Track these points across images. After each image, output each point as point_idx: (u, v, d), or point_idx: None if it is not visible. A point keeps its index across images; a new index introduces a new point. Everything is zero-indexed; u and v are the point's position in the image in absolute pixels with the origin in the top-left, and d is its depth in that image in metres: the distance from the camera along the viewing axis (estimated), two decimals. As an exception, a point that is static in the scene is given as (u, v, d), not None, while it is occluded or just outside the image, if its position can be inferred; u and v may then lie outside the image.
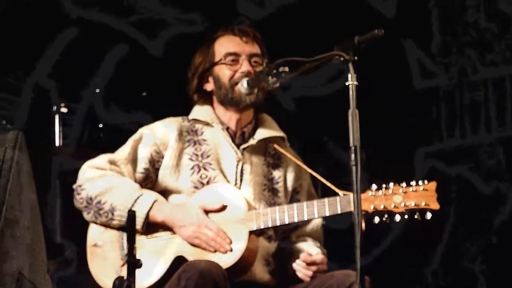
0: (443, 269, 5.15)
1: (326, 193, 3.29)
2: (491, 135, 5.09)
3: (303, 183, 3.50)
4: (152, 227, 3.28)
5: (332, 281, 3.13)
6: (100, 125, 4.77)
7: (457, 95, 5.14)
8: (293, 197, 3.47)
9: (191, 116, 3.49)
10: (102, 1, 4.69)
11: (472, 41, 5.13)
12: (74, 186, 3.37)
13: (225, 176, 3.36)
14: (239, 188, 3.35)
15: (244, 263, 3.19)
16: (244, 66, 3.41)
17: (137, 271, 2.62)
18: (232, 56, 3.43)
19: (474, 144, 5.12)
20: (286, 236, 3.45)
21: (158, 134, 3.41)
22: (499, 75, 5.07)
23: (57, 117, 4.64)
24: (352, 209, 3.09)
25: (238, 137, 3.45)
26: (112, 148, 3.45)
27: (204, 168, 3.37)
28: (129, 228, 2.73)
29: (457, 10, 5.09)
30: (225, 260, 3.14)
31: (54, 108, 4.65)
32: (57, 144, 4.66)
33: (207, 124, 3.45)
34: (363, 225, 2.63)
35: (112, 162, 3.37)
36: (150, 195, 3.29)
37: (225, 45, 3.46)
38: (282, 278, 3.36)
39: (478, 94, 5.12)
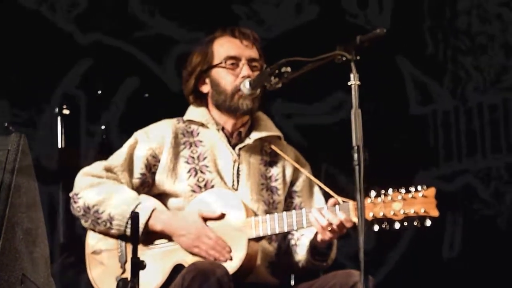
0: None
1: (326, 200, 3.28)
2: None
3: (299, 176, 3.46)
4: (150, 235, 3.26)
5: (335, 280, 3.12)
6: (103, 127, 4.76)
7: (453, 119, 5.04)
8: (289, 189, 3.45)
9: (186, 117, 3.47)
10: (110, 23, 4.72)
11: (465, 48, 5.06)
12: (71, 194, 3.35)
13: (222, 178, 3.35)
14: (236, 189, 3.34)
15: (245, 270, 3.19)
16: (244, 71, 3.38)
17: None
18: (232, 60, 3.40)
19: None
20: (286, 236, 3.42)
21: (153, 138, 3.38)
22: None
23: (59, 119, 4.64)
24: (351, 216, 3.09)
25: (235, 137, 3.43)
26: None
27: (201, 171, 3.35)
28: (132, 229, 2.73)
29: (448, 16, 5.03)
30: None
31: (56, 110, 4.65)
32: (59, 146, 4.65)
33: (202, 125, 3.43)
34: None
35: (108, 170, 3.34)
36: (148, 203, 3.27)
37: (225, 47, 3.43)
38: (284, 277, 3.37)
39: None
